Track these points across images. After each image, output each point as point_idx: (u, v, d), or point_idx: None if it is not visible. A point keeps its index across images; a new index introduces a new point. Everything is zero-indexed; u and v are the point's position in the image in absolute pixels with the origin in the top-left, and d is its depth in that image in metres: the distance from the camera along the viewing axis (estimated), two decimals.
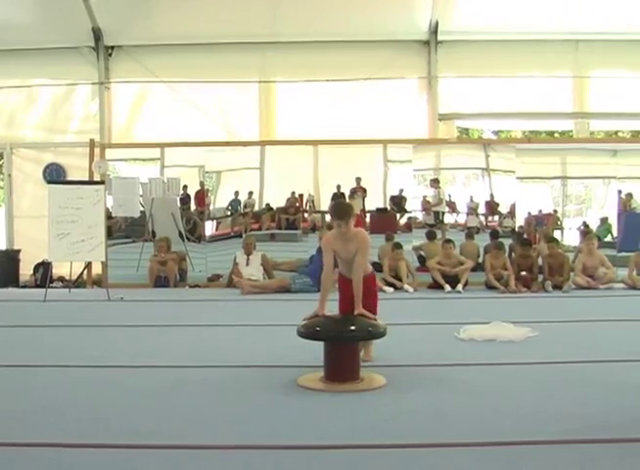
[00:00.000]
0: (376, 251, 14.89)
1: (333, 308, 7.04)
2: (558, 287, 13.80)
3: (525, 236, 15.56)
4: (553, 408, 5.66)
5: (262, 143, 16.76)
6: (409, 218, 16.42)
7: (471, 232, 15.94)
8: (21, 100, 17.37)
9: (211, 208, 17.02)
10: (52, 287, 14.43)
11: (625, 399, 5.92)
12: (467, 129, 22.12)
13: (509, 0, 15.87)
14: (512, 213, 16.31)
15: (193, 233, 16.57)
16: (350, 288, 6.91)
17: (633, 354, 7.57)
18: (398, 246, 14.54)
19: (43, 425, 5.35)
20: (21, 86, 17.16)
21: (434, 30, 16.68)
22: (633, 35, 16.29)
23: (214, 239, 16.73)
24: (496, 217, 16.65)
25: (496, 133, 23.01)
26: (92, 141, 16.25)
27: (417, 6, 16.41)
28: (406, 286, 13.96)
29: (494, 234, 15.79)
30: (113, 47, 17.11)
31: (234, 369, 7.14)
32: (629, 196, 16.48)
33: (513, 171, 16.23)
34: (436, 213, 16.53)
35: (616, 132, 21.12)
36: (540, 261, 14.45)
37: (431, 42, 16.85)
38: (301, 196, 16.69)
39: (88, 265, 15.41)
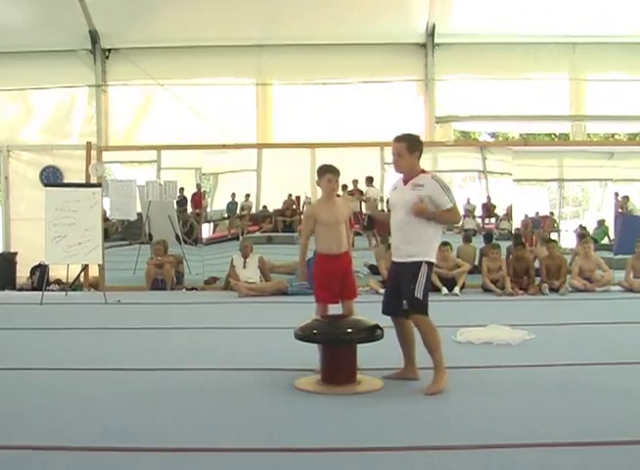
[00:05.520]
0: (371, 253, 14.89)
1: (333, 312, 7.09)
2: (555, 290, 13.81)
3: (522, 239, 15.55)
4: (549, 411, 5.67)
5: (259, 146, 16.77)
6: None
7: (468, 235, 15.91)
8: (17, 102, 17.35)
9: (208, 210, 17.02)
10: (49, 290, 14.39)
11: (622, 401, 5.93)
12: (466, 132, 22.12)
13: (506, 3, 15.86)
14: (509, 216, 16.32)
15: (190, 236, 16.57)
16: (334, 268, 7.19)
17: (630, 357, 7.59)
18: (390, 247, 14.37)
19: (40, 427, 5.35)
20: (17, 89, 17.13)
21: (430, 33, 16.66)
22: (630, 38, 16.29)
23: (211, 242, 16.73)
24: (493, 220, 16.65)
25: (493, 136, 23.04)
26: (89, 144, 16.23)
27: (414, 9, 16.40)
28: (380, 290, 13.62)
29: (488, 237, 15.79)
30: (110, 50, 17.07)
31: (231, 372, 7.14)
32: (626, 198, 16.49)
33: (510, 174, 16.22)
34: None
35: (612, 135, 21.16)
36: (537, 264, 14.45)
37: (427, 45, 16.82)
38: (298, 198, 16.70)
39: (85, 268, 15.38)
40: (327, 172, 7.26)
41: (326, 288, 7.21)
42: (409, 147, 6.57)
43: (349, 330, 6.57)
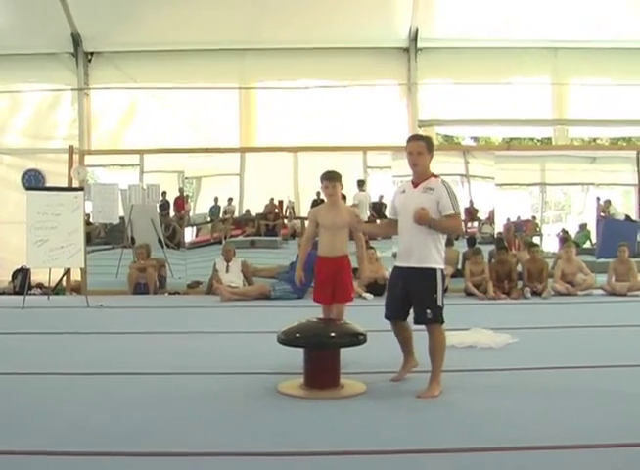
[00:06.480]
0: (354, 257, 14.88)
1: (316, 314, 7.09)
2: (537, 293, 13.85)
3: (505, 242, 15.58)
4: (534, 414, 5.69)
5: (242, 150, 16.74)
6: None
7: (450, 238, 15.90)
8: None
9: (191, 214, 16.99)
10: (30, 294, 14.31)
11: (605, 404, 5.96)
12: (449, 136, 22.17)
13: (488, 8, 15.91)
14: (491, 220, 16.34)
15: (172, 240, 16.52)
16: (327, 270, 7.54)
17: (612, 360, 7.62)
18: (370, 247, 14.18)
19: (25, 433, 5.32)
20: None
21: (413, 37, 16.70)
22: (611, 43, 16.39)
23: (194, 245, 16.69)
24: (475, 224, 16.67)
25: (476, 140, 23.07)
26: (71, 147, 16.16)
27: (397, 13, 16.43)
28: (364, 294, 13.57)
29: (471, 241, 15.81)
30: (92, 53, 17.03)
31: (214, 376, 7.13)
32: (608, 202, 16.56)
33: (492, 178, 16.26)
34: None
35: (594, 139, 21.23)
36: (519, 268, 14.49)
37: (410, 49, 16.86)
38: (281, 202, 16.69)
39: (67, 272, 15.33)
40: (322, 180, 7.67)
41: (319, 289, 7.66)
42: (427, 146, 6.56)
43: (332, 334, 6.58)
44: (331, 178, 7.62)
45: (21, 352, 8.69)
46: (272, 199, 16.62)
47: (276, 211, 16.72)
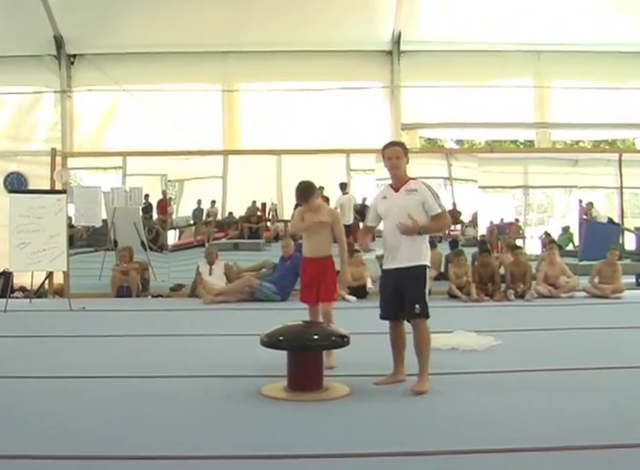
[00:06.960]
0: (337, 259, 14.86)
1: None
2: (520, 296, 13.87)
3: (488, 245, 15.60)
4: (517, 416, 5.70)
5: (225, 152, 16.71)
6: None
7: (433, 241, 15.87)
8: None
9: (174, 217, 16.94)
10: (13, 297, 14.23)
11: (588, 405, 5.97)
12: (432, 139, 22.18)
13: (471, 11, 15.93)
14: (474, 222, 16.36)
15: (155, 242, 16.46)
16: (312, 271, 7.62)
17: (595, 362, 7.65)
18: (356, 251, 14.20)
19: (9, 436, 5.29)
20: None
21: (396, 40, 16.69)
22: (592, 46, 16.41)
23: (177, 248, 16.64)
24: (458, 226, 16.68)
25: (459, 142, 23.11)
26: (54, 150, 16.06)
27: (380, 16, 16.42)
28: (347, 296, 13.55)
29: (454, 243, 15.82)
30: (75, 55, 16.95)
31: (197, 379, 7.11)
32: (590, 205, 16.62)
33: (475, 181, 16.28)
34: None
35: (577, 142, 21.31)
36: (502, 270, 14.51)
37: (393, 52, 16.85)
38: (264, 205, 16.67)
39: (49, 275, 15.26)
40: (299, 200, 7.70)
41: (305, 289, 7.75)
42: (404, 151, 6.82)
43: (315, 336, 6.59)
44: (305, 198, 7.62)
45: (4, 355, 8.65)
46: (254, 201, 16.60)
47: (259, 213, 16.71)
